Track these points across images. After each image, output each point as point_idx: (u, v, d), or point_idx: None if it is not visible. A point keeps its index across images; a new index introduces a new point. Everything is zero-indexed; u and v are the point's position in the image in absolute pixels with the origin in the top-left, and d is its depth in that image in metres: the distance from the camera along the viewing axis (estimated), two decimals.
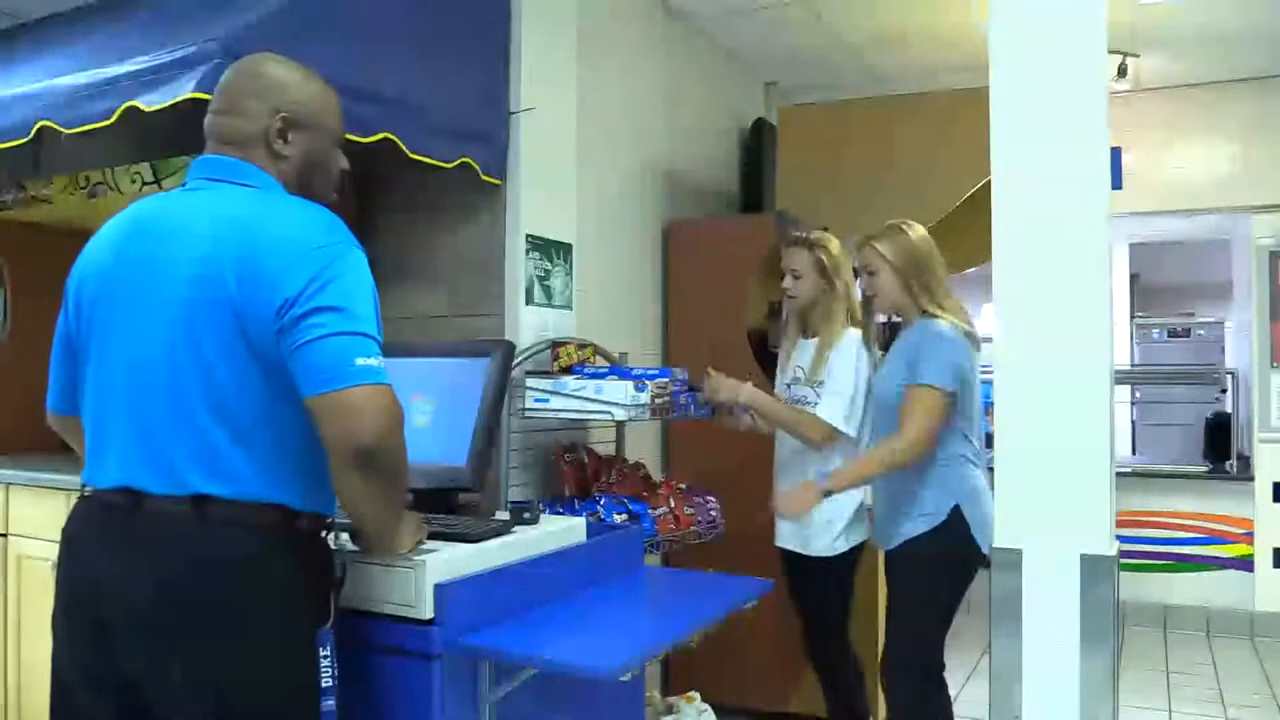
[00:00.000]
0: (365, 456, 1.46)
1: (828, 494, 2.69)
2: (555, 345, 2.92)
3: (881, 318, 3.18)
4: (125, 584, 1.49)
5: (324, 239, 1.54)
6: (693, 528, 2.93)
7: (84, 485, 1.62)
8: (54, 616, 1.61)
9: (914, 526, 2.70)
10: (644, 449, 3.57)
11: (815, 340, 3.02)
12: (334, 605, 1.63)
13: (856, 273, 3.00)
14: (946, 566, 2.69)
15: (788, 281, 3.07)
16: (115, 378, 1.56)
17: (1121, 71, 4.73)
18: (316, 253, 1.51)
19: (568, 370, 2.86)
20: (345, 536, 1.80)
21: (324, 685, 1.57)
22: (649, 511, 2.75)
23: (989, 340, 2.30)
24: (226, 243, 1.51)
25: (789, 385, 3.07)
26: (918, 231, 2.83)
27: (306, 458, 1.56)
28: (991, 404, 2.30)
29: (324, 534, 1.65)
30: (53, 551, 1.64)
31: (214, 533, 1.49)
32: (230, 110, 1.66)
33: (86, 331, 1.62)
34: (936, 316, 2.72)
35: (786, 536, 3.02)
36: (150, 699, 1.50)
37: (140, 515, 1.50)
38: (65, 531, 1.61)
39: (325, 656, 1.58)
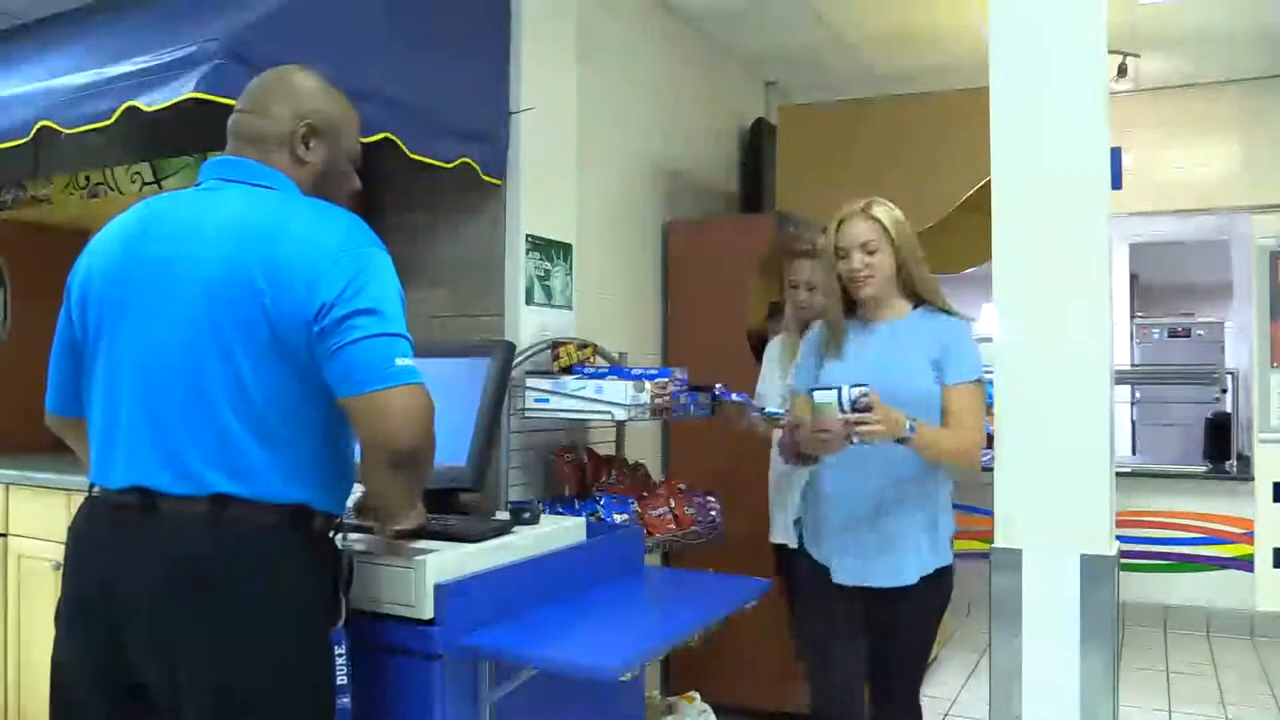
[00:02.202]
0: (403, 457, 1.50)
1: (901, 440, 2.16)
2: (555, 345, 2.92)
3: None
4: (140, 584, 1.49)
5: (354, 242, 1.56)
6: (693, 528, 2.93)
7: (92, 485, 1.62)
8: (58, 616, 1.61)
9: (927, 559, 2.30)
10: (644, 449, 3.57)
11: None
12: (345, 604, 1.64)
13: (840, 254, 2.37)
14: (946, 602, 2.41)
15: (802, 295, 3.02)
16: (127, 378, 1.56)
17: (1121, 71, 4.73)
18: (350, 256, 1.53)
19: (568, 370, 2.86)
20: (353, 536, 1.81)
21: (339, 683, 1.58)
22: (634, 507, 2.76)
23: (989, 340, 2.30)
24: (252, 243, 1.51)
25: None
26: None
27: (328, 457, 1.58)
28: (991, 404, 2.30)
29: (332, 534, 1.65)
30: (53, 551, 1.64)
31: (232, 532, 1.49)
32: (255, 111, 1.67)
33: (94, 332, 1.61)
34: (950, 311, 2.36)
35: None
36: (160, 700, 1.51)
37: (155, 515, 1.50)
38: (73, 531, 1.61)
39: (340, 655, 1.59)
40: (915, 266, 2.36)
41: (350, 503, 1.70)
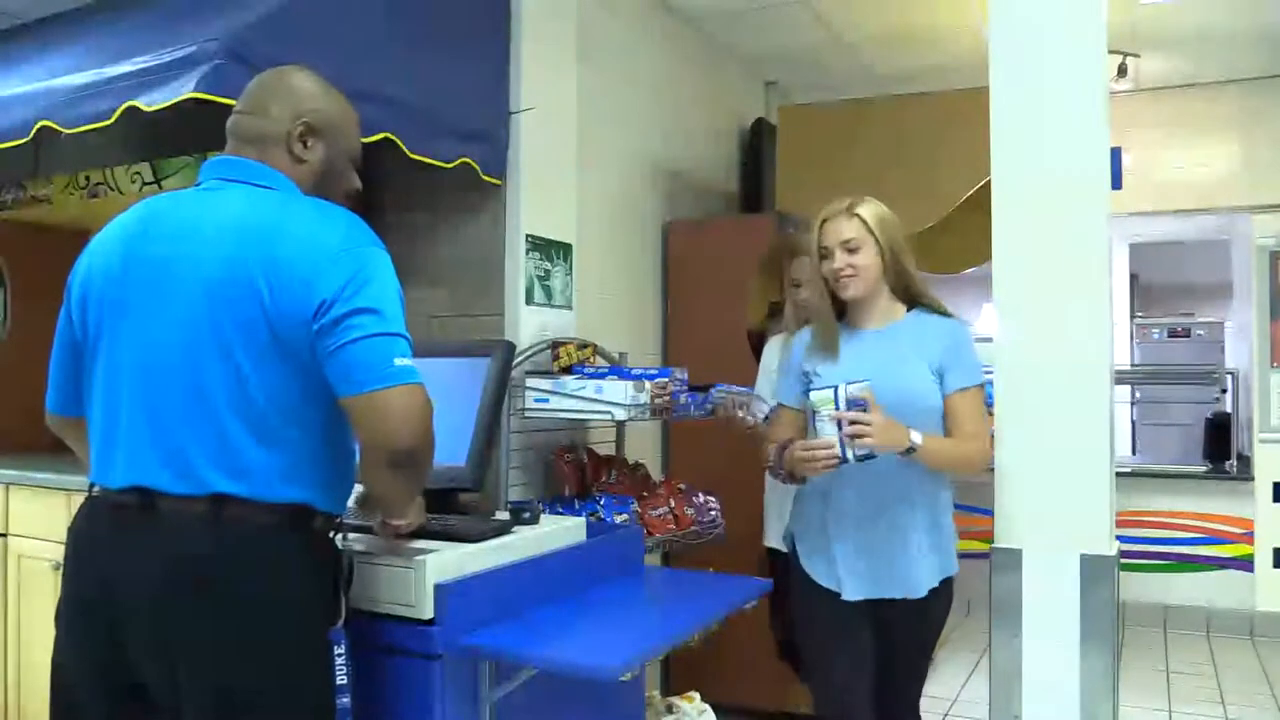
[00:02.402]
0: (402, 457, 1.50)
1: (910, 450, 2.10)
2: (555, 345, 2.92)
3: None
4: (140, 584, 1.48)
5: (353, 241, 1.56)
6: (693, 527, 2.93)
7: (92, 485, 1.62)
8: (58, 616, 1.61)
9: (934, 568, 2.24)
10: (644, 449, 3.57)
11: None
12: (345, 603, 1.64)
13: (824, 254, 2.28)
14: (948, 609, 2.35)
15: (803, 294, 3.00)
16: (127, 378, 1.56)
17: (1121, 71, 4.73)
18: (349, 255, 1.53)
19: (568, 370, 2.86)
20: (353, 536, 1.81)
21: (339, 683, 1.59)
22: (634, 507, 2.76)
23: (989, 340, 2.29)
24: (252, 243, 1.51)
25: None
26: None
27: (328, 457, 1.58)
28: (991, 404, 2.29)
29: (333, 534, 1.65)
30: (53, 551, 1.64)
31: (232, 532, 1.49)
32: (255, 111, 1.68)
33: (94, 332, 1.61)
34: (947, 313, 2.28)
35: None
36: (160, 700, 1.51)
37: (155, 515, 1.50)
38: (73, 531, 1.61)
39: (340, 655, 1.59)
40: (907, 266, 2.26)
41: (350, 500, 1.71)
